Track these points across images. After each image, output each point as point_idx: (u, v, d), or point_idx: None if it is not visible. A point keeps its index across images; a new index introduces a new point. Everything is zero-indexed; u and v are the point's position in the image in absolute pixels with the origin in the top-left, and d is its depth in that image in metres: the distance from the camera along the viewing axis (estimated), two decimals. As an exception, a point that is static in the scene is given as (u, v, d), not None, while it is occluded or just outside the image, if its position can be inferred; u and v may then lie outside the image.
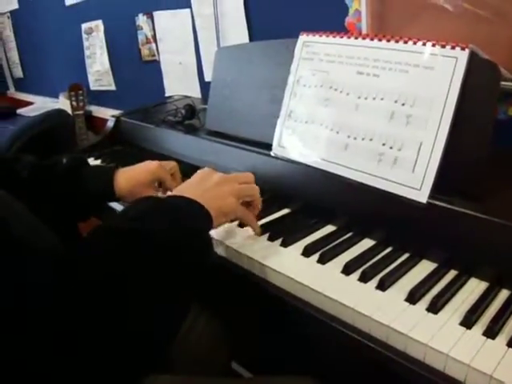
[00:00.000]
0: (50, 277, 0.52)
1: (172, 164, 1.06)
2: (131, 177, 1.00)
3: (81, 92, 2.47)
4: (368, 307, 0.69)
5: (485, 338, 0.63)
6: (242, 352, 1.26)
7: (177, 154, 1.29)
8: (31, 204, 0.70)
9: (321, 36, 0.98)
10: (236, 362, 1.44)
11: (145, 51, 2.14)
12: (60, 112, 2.39)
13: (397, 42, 0.87)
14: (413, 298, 0.70)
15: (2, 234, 0.52)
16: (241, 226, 0.92)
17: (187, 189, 0.77)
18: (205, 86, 1.84)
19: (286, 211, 1.01)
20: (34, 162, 1.01)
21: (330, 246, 0.85)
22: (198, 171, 0.84)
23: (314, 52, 0.98)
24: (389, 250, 0.84)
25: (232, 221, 0.87)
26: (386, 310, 0.68)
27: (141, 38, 2.13)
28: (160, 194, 1.04)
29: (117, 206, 1.12)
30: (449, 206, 0.76)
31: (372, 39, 0.90)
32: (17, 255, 0.51)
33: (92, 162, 1.41)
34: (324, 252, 0.82)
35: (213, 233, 0.85)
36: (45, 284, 0.51)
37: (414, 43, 0.85)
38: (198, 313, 1.06)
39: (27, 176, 0.95)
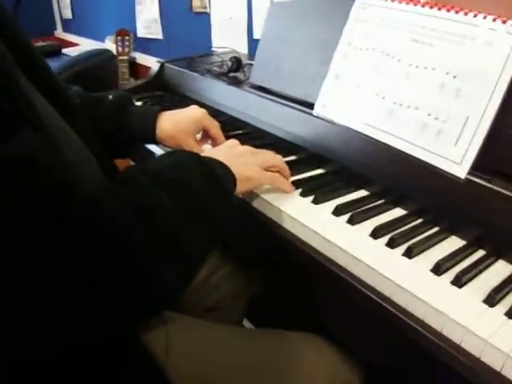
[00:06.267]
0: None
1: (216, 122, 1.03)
2: (175, 121, 0.99)
3: (127, 38, 2.48)
4: (391, 271, 0.69)
5: (506, 317, 0.62)
6: (258, 308, 1.26)
7: (218, 105, 1.28)
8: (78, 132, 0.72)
9: (379, -1, 0.96)
10: (248, 320, 1.46)
11: (196, 2, 2.12)
12: (105, 52, 2.39)
13: (457, 12, 0.84)
14: (439, 269, 0.70)
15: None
16: None
17: (216, 154, 0.78)
18: (252, 43, 1.82)
19: (320, 171, 1.01)
20: (82, 92, 1.01)
21: (362, 209, 0.85)
22: (226, 141, 0.87)
23: (370, 15, 0.96)
24: (419, 221, 0.83)
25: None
26: (409, 276, 0.68)
27: (193, -12, 2.11)
28: (207, 146, 1.03)
29: (155, 149, 1.13)
30: (487, 185, 0.75)
31: (431, 7, 0.88)
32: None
33: (133, 103, 1.41)
34: (355, 214, 0.82)
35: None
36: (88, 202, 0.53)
37: (475, 16, 0.82)
38: (221, 258, 1.08)
39: (79, 103, 0.95)
